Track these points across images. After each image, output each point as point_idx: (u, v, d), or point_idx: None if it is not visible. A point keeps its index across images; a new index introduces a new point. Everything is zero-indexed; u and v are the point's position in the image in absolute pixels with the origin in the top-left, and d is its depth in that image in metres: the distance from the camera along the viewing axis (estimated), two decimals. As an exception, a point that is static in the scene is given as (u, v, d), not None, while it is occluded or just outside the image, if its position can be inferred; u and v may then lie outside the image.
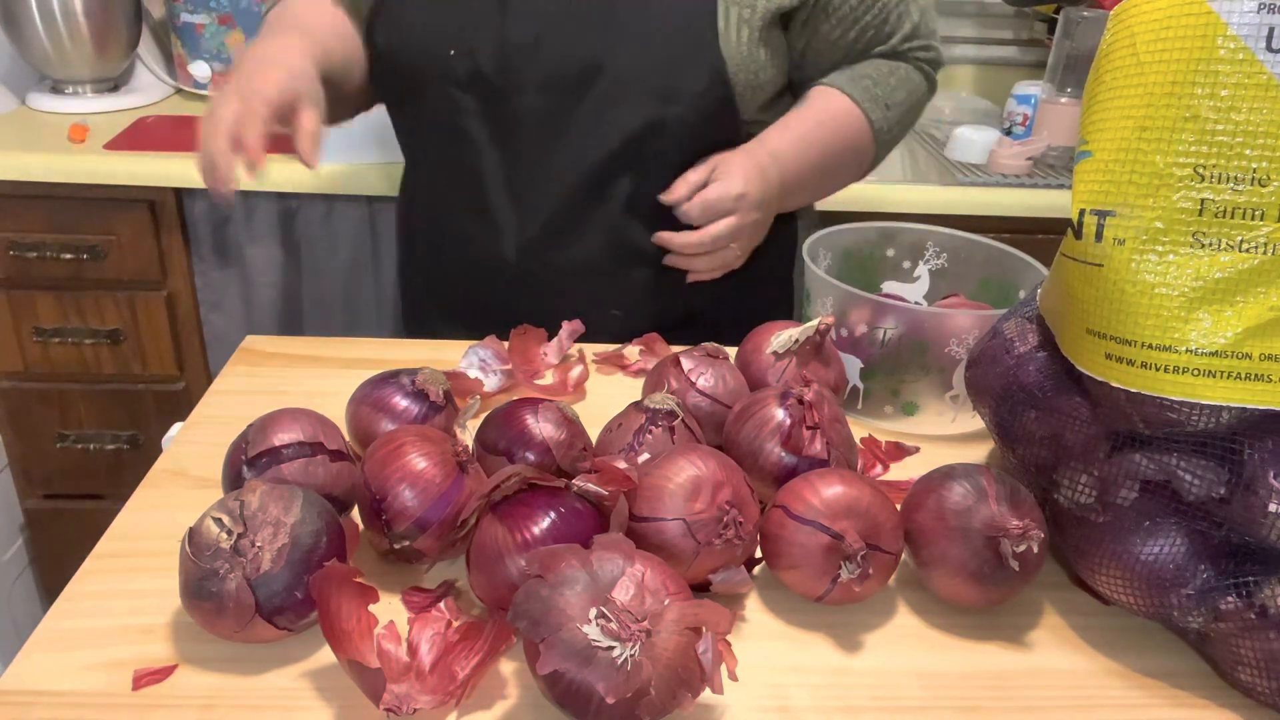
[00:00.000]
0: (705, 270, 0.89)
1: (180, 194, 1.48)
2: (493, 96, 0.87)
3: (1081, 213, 0.54)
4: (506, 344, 0.85)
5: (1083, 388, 0.58)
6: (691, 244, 0.85)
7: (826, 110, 0.92)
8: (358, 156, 1.44)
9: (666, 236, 0.85)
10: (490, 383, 0.81)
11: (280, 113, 0.71)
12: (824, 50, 0.94)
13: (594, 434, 0.67)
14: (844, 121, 0.92)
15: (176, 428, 0.76)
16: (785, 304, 1.05)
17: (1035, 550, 0.55)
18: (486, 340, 0.84)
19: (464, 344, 0.84)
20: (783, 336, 0.74)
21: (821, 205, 1.49)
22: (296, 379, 0.82)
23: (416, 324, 1.07)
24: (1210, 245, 0.50)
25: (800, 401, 0.64)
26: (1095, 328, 0.54)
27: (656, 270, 0.92)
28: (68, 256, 1.48)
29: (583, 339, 0.87)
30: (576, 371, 0.84)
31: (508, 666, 0.54)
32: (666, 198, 0.84)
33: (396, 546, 0.57)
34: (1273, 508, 0.50)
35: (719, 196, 0.83)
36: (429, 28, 0.88)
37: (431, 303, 1.05)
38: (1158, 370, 0.51)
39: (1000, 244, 0.85)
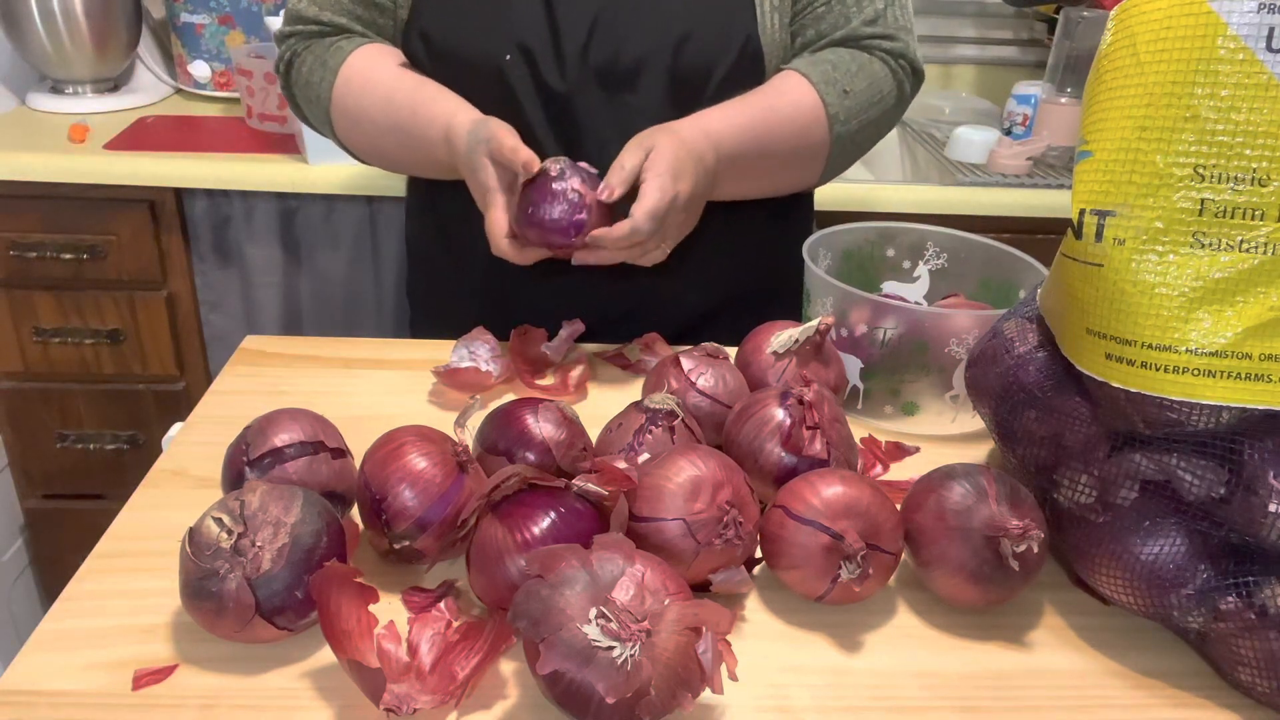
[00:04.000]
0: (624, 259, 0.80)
1: (180, 194, 1.48)
2: (554, 99, 0.86)
3: (1081, 213, 0.54)
4: (493, 337, 0.84)
5: (1083, 388, 0.58)
6: (622, 239, 0.75)
7: (779, 93, 0.86)
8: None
9: (601, 233, 0.75)
10: (494, 370, 0.81)
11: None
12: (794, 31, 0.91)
13: (594, 434, 0.67)
14: (797, 106, 0.86)
15: (176, 428, 0.76)
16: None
17: (1035, 550, 0.55)
18: (474, 333, 0.83)
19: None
20: (783, 336, 0.74)
21: (821, 205, 1.50)
22: (296, 379, 0.82)
23: (426, 331, 1.05)
24: (1210, 245, 0.50)
25: (800, 401, 0.64)
26: (1095, 328, 0.54)
27: (709, 253, 0.93)
28: (68, 256, 1.47)
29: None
30: (576, 371, 0.84)
31: (508, 666, 0.54)
32: (606, 196, 0.76)
33: (396, 546, 0.57)
34: (1273, 508, 0.50)
35: (661, 206, 0.75)
36: (481, 31, 0.86)
37: (450, 309, 1.02)
38: (1158, 370, 0.51)
39: (1000, 244, 0.85)
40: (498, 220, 0.78)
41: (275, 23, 1.39)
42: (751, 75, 0.88)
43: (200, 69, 1.71)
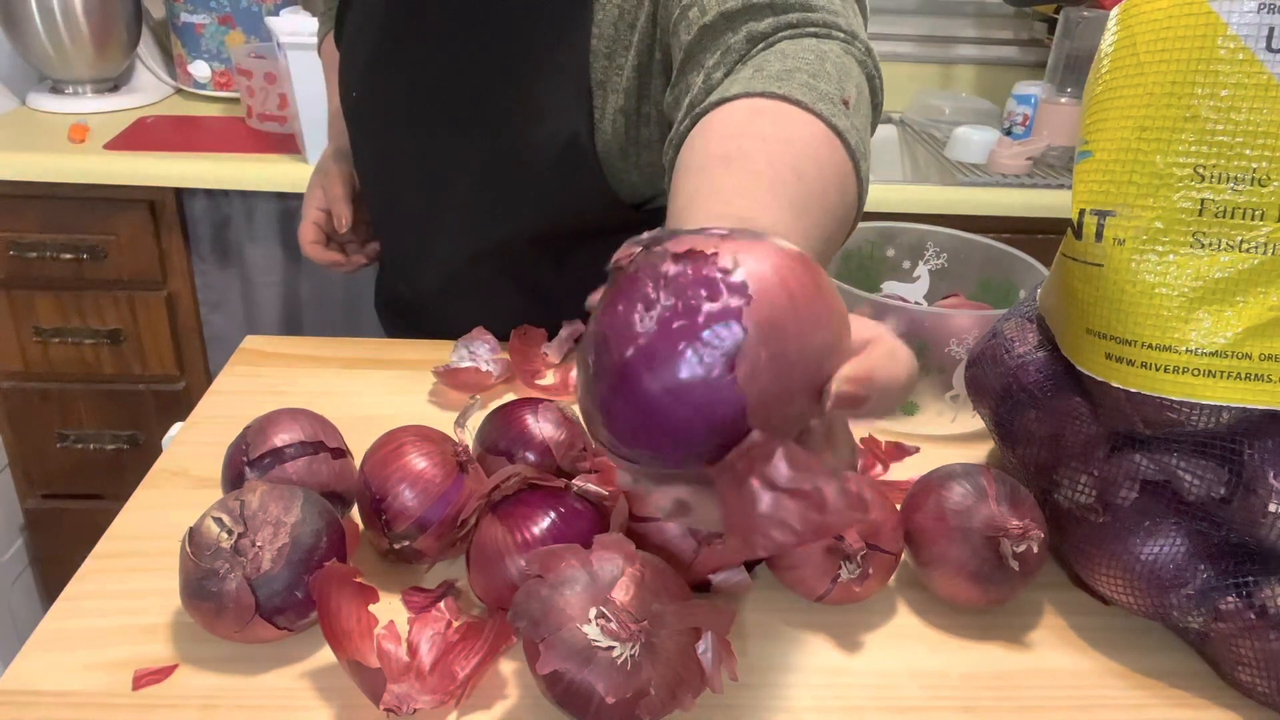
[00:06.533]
0: None
1: (180, 194, 1.48)
2: (379, 141, 0.91)
3: (1081, 213, 0.54)
4: (493, 336, 0.85)
5: (1083, 388, 0.58)
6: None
7: (784, 141, 0.52)
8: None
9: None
10: (494, 370, 0.81)
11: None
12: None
13: (594, 434, 0.67)
14: (813, 145, 0.52)
15: (176, 428, 0.76)
16: None
17: (1035, 550, 0.55)
18: (474, 333, 0.83)
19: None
20: (783, 336, 0.74)
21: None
22: (296, 379, 0.82)
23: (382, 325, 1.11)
24: (1210, 245, 0.50)
25: (800, 401, 0.63)
26: (1095, 328, 0.54)
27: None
28: (68, 256, 1.47)
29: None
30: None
31: (508, 666, 0.54)
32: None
33: (396, 546, 0.57)
34: (1273, 508, 0.50)
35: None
36: (345, 62, 0.93)
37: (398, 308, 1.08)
38: (1158, 370, 0.51)
39: (1000, 244, 0.85)
40: (305, 229, 0.97)
41: (275, 23, 1.39)
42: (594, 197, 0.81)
43: (200, 69, 1.71)
